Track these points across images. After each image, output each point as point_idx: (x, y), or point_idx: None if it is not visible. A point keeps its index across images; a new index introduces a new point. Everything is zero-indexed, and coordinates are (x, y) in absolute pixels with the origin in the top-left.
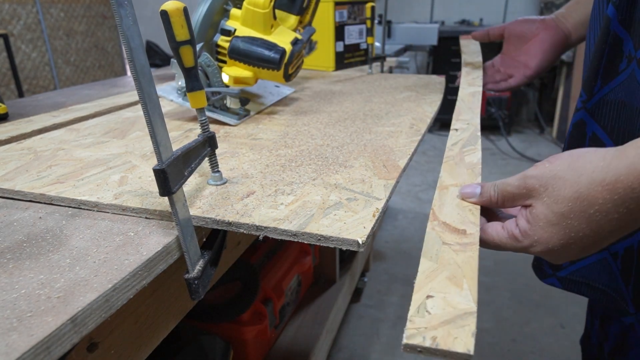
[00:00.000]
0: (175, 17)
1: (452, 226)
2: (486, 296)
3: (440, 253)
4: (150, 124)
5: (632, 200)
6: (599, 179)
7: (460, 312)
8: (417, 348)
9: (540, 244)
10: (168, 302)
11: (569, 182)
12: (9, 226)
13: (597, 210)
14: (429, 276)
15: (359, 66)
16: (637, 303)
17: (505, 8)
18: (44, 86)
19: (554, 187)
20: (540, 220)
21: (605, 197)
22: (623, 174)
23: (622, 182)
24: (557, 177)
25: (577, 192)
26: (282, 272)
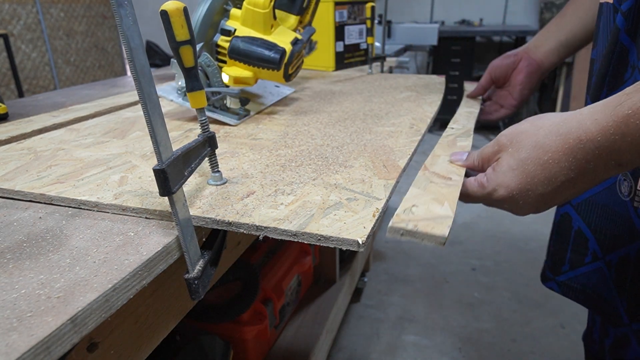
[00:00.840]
0: (175, 17)
1: (440, 174)
2: (486, 296)
3: (428, 186)
4: (150, 124)
5: (580, 151)
6: (554, 131)
7: (440, 215)
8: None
9: (501, 187)
10: (168, 302)
11: (530, 133)
12: (9, 226)
13: (550, 157)
14: (416, 196)
15: (359, 66)
16: (631, 313)
17: (505, 8)
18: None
19: (518, 139)
20: (503, 166)
21: (557, 145)
22: (574, 127)
23: (573, 134)
24: (521, 132)
25: (535, 141)
26: (282, 272)
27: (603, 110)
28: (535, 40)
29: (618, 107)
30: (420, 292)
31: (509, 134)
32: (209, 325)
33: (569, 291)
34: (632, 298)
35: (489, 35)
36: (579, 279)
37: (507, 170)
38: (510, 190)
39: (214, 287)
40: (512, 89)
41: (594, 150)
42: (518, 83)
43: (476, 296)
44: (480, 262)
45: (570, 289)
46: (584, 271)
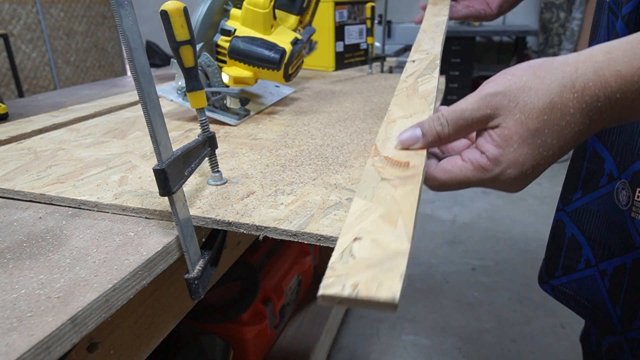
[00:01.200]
0: (175, 17)
1: (395, 159)
2: (486, 296)
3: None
4: (150, 124)
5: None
6: (569, 85)
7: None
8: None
9: (514, 167)
10: (168, 302)
11: (541, 91)
12: (9, 226)
13: (569, 121)
14: (361, 216)
15: (359, 66)
16: (625, 322)
17: None
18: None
19: (526, 100)
20: (514, 142)
21: (575, 105)
22: (591, 79)
23: (590, 89)
24: (526, 88)
25: (551, 102)
26: (282, 272)
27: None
28: None
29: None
30: (420, 292)
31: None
32: (209, 325)
33: (561, 296)
34: (627, 307)
35: (489, 35)
36: (571, 285)
37: (520, 146)
38: (524, 169)
39: (214, 287)
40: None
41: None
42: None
43: (476, 296)
44: (480, 262)
45: (563, 294)
46: (576, 277)
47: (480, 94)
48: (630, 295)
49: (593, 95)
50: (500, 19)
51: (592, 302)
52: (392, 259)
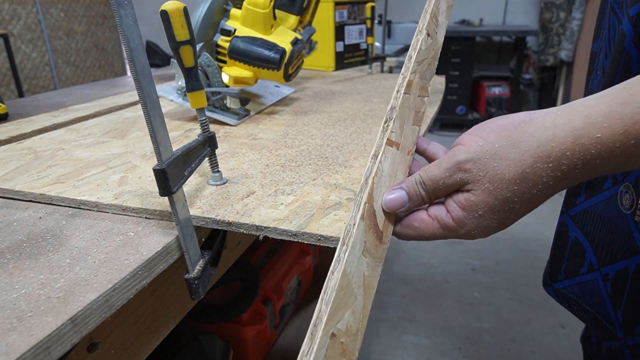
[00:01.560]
0: (175, 17)
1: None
2: (486, 296)
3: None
4: (150, 124)
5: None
6: (544, 155)
7: None
8: None
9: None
10: (168, 302)
11: (512, 161)
12: (9, 226)
13: (540, 189)
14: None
15: (359, 66)
16: (626, 328)
17: (505, 8)
18: (44, 86)
19: (496, 170)
20: (480, 209)
21: (549, 174)
22: (569, 148)
23: (568, 157)
24: (497, 157)
25: (523, 173)
26: (282, 272)
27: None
28: None
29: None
30: (420, 292)
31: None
32: (209, 325)
33: (564, 300)
34: (628, 312)
35: (489, 35)
36: (573, 289)
37: (486, 213)
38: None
39: (214, 287)
40: None
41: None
42: None
43: (476, 296)
44: (480, 262)
45: (565, 298)
46: (579, 281)
47: (452, 160)
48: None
49: (570, 164)
50: (500, 19)
51: (594, 306)
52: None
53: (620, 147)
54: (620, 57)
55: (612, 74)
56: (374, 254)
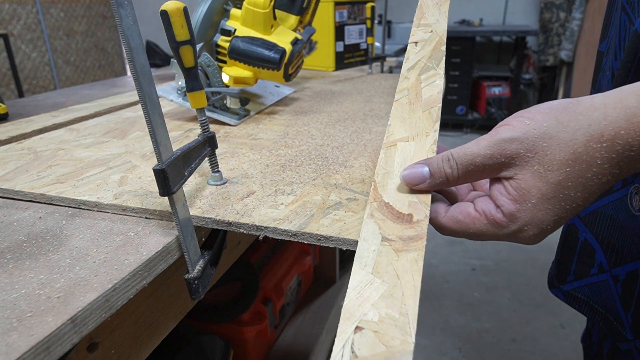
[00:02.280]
0: (175, 17)
1: (396, 209)
2: (486, 296)
3: (378, 256)
4: (150, 124)
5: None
6: (597, 134)
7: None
8: None
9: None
10: (168, 302)
11: (564, 140)
12: (9, 226)
13: (595, 173)
14: (361, 294)
15: (359, 66)
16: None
17: (505, 8)
18: (44, 86)
19: (546, 151)
20: (533, 196)
21: (603, 155)
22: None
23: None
24: (546, 137)
25: (575, 153)
26: (282, 272)
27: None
28: None
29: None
30: (420, 292)
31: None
32: (209, 325)
33: (573, 301)
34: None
35: (489, 35)
36: (583, 290)
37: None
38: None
39: (214, 287)
40: None
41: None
42: None
43: (476, 296)
44: (480, 262)
45: (575, 299)
46: (589, 282)
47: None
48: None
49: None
50: (500, 19)
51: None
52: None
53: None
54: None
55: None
56: (402, 236)
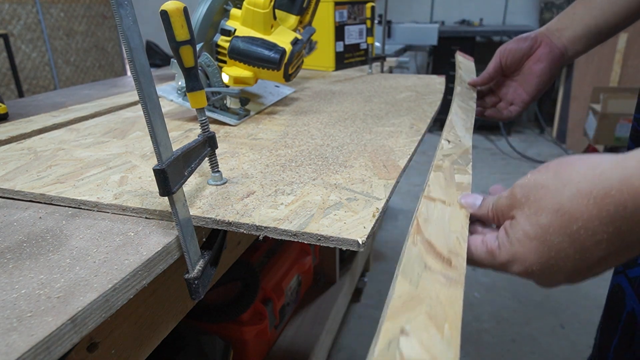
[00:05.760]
0: (175, 17)
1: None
2: (486, 296)
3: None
4: (150, 124)
5: (624, 220)
6: (585, 191)
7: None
8: None
9: (518, 262)
10: (168, 302)
11: (551, 191)
12: (9, 226)
13: (581, 227)
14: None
15: (359, 66)
16: None
17: (505, 8)
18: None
19: (536, 197)
20: (518, 232)
21: (591, 212)
22: (615, 187)
23: (613, 197)
24: (539, 186)
25: (559, 204)
26: (282, 272)
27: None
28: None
29: None
30: None
31: (524, 186)
32: (209, 325)
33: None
34: None
35: (489, 35)
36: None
37: (523, 239)
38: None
39: (214, 287)
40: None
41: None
42: (536, 74)
43: (476, 296)
44: None
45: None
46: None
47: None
48: None
49: (618, 204)
50: (500, 19)
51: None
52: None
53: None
54: None
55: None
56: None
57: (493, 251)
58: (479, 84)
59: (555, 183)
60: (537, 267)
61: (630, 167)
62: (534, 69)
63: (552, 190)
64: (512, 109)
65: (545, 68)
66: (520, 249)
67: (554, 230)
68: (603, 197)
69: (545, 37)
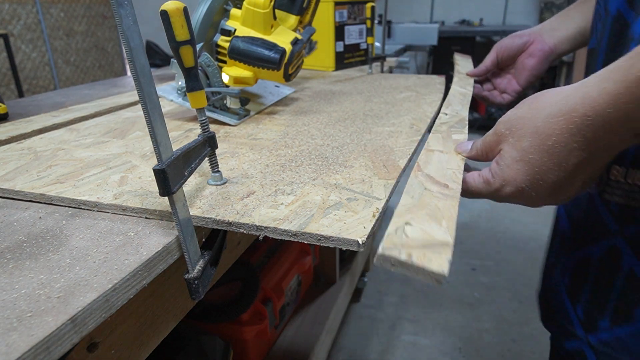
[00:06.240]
0: (175, 17)
1: (436, 179)
2: (486, 296)
3: (422, 196)
4: (150, 124)
5: (588, 128)
6: (555, 112)
7: (437, 242)
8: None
9: (509, 184)
10: (168, 302)
11: (528, 118)
12: (9, 226)
13: (555, 141)
14: (410, 210)
15: (359, 66)
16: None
17: (505, 8)
18: (44, 86)
19: (517, 127)
20: (506, 159)
21: (561, 127)
22: (578, 103)
23: (577, 111)
24: (519, 118)
25: (535, 127)
26: (282, 272)
27: (611, 77)
28: (552, 23)
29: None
30: (420, 292)
31: (506, 122)
32: (209, 325)
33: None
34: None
35: (489, 35)
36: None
37: (510, 163)
38: (517, 184)
39: (214, 287)
40: (518, 73)
41: (604, 125)
42: (528, 68)
43: (476, 296)
44: (480, 262)
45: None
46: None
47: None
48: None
49: (581, 116)
50: (500, 19)
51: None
52: (440, 247)
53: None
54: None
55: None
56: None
57: (488, 180)
58: (477, 74)
59: (531, 112)
60: (525, 185)
61: (590, 85)
62: (526, 63)
63: (528, 118)
64: (505, 96)
65: (536, 63)
66: (509, 172)
67: (534, 150)
68: (569, 114)
69: (539, 36)
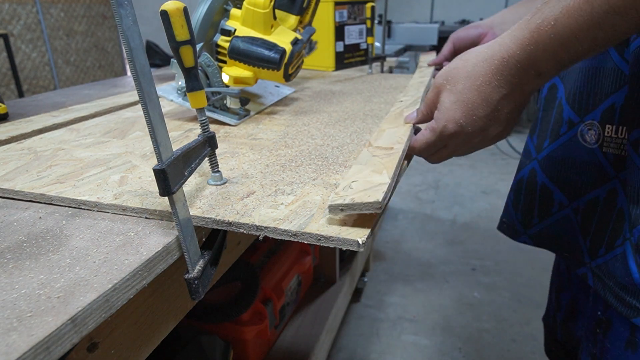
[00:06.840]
0: (175, 17)
1: (383, 147)
2: (486, 296)
3: (370, 160)
4: (150, 124)
5: (505, 68)
6: (481, 58)
7: (376, 183)
8: (339, 207)
9: (450, 121)
10: (168, 302)
11: (461, 67)
12: (9, 226)
13: (482, 81)
14: (357, 172)
15: (359, 66)
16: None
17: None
18: (44, 86)
19: (452, 75)
20: (446, 103)
21: (485, 69)
22: (496, 49)
23: (497, 55)
24: (453, 69)
25: (466, 72)
26: (282, 272)
27: (519, 27)
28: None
29: (531, 20)
30: (420, 292)
31: (443, 74)
32: (209, 325)
33: (541, 241)
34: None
35: None
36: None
37: (449, 106)
38: (456, 121)
39: (214, 287)
40: None
41: (515, 64)
42: None
43: (476, 296)
44: (480, 262)
45: (542, 239)
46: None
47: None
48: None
49: (499, 58)
50: None
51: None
52: (378, 186)
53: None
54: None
55: None
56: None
57: (432, 127)
58: (436, 63)
59: (462, 63)
60: (463, 120)
61: (505, 35)
62: None
63: (461, 67)
64: None
65: None
66: (448, 112)
67: (467, 90)
68: (492, 58)
69: (490, 29)
